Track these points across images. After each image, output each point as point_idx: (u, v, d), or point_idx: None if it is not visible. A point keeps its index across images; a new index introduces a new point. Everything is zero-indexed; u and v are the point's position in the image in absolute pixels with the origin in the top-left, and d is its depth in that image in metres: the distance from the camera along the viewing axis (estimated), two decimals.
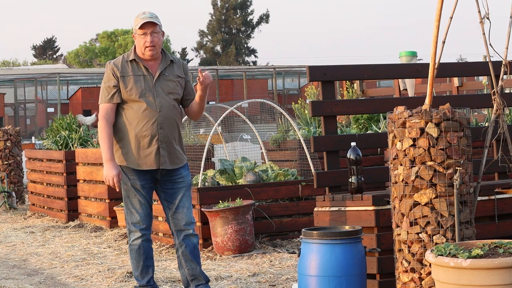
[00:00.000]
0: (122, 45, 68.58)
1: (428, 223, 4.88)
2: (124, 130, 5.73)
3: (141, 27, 5.67)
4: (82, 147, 11.97)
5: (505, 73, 5.50)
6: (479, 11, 5.27)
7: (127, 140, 5.72)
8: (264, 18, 70.73)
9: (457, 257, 4.25)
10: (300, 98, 13.38)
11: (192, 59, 72.77)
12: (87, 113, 29.99)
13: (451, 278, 4.23)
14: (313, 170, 8.63)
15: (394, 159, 5.01)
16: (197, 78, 5.70)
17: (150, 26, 5.68)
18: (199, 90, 5.77)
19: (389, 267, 5.45)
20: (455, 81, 12.85)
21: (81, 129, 12.47)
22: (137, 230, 5.76)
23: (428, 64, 5.26)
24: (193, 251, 5.82)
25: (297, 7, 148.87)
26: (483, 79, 12.50)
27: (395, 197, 5.00)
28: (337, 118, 9.31)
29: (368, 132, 10.73)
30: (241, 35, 70.17)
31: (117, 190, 5.74)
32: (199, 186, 8.54)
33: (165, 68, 5.78)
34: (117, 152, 5.80)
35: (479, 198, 5.56)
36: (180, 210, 5.80)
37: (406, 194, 4.92)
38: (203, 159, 8.74)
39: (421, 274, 4.89)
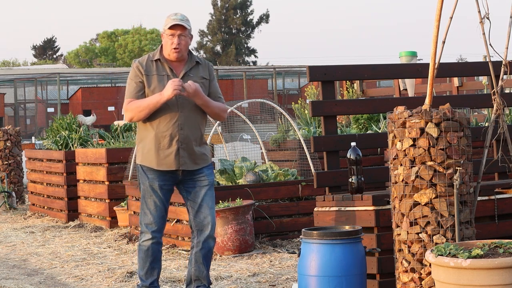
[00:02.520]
0: (122, 45, 68.54)
1: (428, 223, 4.88)
2: (146, 129, 5.72)
3: (170, 28, 5.66)
4: (82, 147, 11.97)
5: (505, 73, 5.50)
6: (479, 11, 5.27)
7: (148, 140, 5.70)
8: (264, 18, 70.69)
9: (457, 257, 4.25)
10: (300, 98, 13.38)
11: None
12: (87, 113, 29.91)
13: (451, 278, 4.23)
14: (313, 170, 8.63)
15: (394, 159, 5.01)
16: (182, 93, 5.60)
17: (179, 28, 5.66)
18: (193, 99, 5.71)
19: (389, 267, 5.44)
20: (455, 81, 12.85)
21: (81, 129, 12.48)
22: (148, 232, 5.72)
23: (428, 64, 5.26)
24: (207, 254, 5.81)
25: (297, 7, 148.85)
26: (483, 79, 12.50)
27: (395, 197, 5.01)
28: (337, 118, 9.31)
29: (368, 132, 10.73)
30: (241, 35, 70.14)
31: (182, 89, 5.56)
32: None
33: (190, 69, 5.75)
34: (138, 151, 5.79)
35: (479, 198, 5.56)
36: (202, 209, 5.77)
37: (406, 194, 4.92)
38: None
39: (421, 274, 4.89)
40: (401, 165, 4.95)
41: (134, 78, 5.71)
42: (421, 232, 4.89)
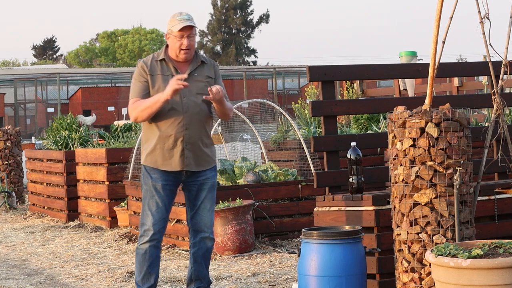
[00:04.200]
0: (122, 45, 68.50)
1: (428, 223, 4.88)
2: (151, 130, 5.67)
3: (180, 30, 5.60)
4: (82, 147, 11.97)
5: (505, 73, 5.50)
6: (479, 11, 5.27)
7: (152, 140, 5.65)
8: (264, 18, 70.68)
9: (457, 257, 4.25)
10: (300, 98, 13.37)
11: None
12: (87, 113, 29.93)
13: (451, 278, 4.23)
14: (313, 170, 8.63)
15: (394, 159, 5.01)
16: (205, 97, 5.58)
17: (188, 29, 5.61)
18: (213, 103, 5.67)
19: (389, 267, 5.45)
20: (455, 81, 12.85)
21: (81, 129, 12.48)
22: (147, 235, 5.62)
23: (428, 64, 5.26)
24: (204, 254, 5.79)
25: (297, 7, 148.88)
26: (483, 79, 12.50)
27: (395, 197, 5.00)
28: (337, 118, 9.32)
29: (368, 132, 10.73)
30: (241, 35, 70.13)
31: (183, 82, 5.49)
32: None
33: (195, 68, 5.70)
34: (143, 152, 5.75)
35: (479, 198, 5.56)
36: (200, 211, 5.75)
37: (406, 194, 4.92)
38: None
39: (421, 274, 4.89)
40: (401, 165, 4.95)
41: (139, 78, 5.67)
42: (421, 232, 4.89)
